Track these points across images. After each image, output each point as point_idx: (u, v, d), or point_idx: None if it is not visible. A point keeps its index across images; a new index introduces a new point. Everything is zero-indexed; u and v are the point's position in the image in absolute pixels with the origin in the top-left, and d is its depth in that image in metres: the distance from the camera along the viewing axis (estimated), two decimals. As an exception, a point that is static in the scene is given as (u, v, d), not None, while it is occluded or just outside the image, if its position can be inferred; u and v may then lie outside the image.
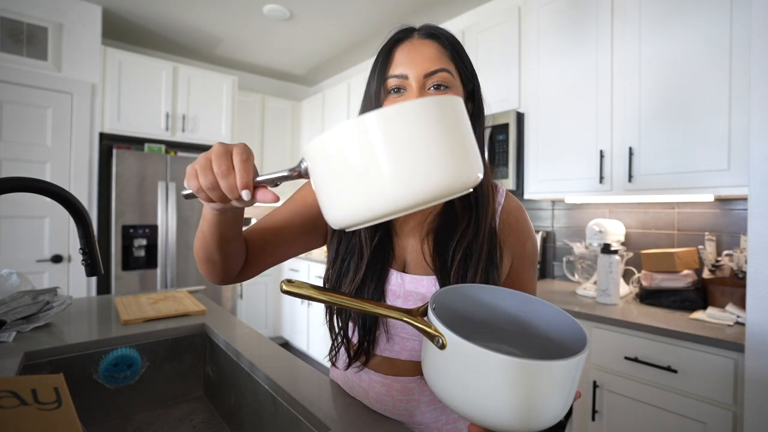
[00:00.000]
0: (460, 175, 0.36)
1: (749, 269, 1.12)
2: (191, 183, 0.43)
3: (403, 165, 0.34)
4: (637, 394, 1.36)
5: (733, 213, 1.61)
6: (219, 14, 2.72)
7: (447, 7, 2.62)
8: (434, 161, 0.35)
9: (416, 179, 0.34)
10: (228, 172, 0.42)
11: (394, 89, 0.61)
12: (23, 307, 1.04)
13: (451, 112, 0.37)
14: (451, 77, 0.61)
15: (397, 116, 0.35)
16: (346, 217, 0.37)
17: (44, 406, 0.45)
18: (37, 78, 2.35)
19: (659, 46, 1.53)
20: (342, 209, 0.37)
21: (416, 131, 0.35)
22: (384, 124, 0.34)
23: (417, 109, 0.35)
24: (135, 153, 2.66)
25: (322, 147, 0.37)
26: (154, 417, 1.00)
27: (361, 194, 0.35)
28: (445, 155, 0.35)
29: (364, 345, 0.66)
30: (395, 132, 0.34)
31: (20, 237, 2.33)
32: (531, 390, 0.39)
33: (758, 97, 1.10)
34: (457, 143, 0.36)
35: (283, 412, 0.74)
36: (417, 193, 0.35)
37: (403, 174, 0.34)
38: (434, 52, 0.61)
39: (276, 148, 3.70)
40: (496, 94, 2.12)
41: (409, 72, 0.60)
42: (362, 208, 0.36)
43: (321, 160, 0.38)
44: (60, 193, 0.64)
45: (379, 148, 0.34)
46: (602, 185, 1.69)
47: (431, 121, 0.35)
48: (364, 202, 0.36)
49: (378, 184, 0.35)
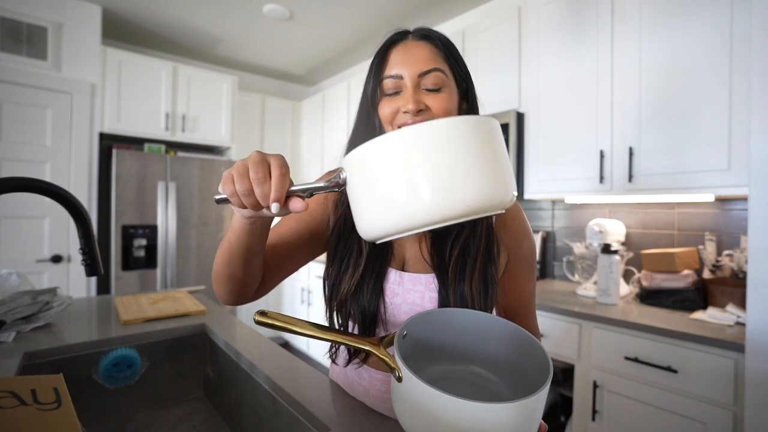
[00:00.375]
0: (496, 195, 0.37)
1: (749, 269, 1.12)
2: (227, 187, 0.44)
3: (441, 180, 0.35)
4: (637, 394, 1.36)
5: (733, 213, 1.61)
6: (219, 14, 2.72)
7: (447, 7, 2.62)
8: (472, 178, 0.35)
9: (453, 195, 0.35)
10: (264, 180, 0.43)
11: (390, 89, 0.63)
12: (23, 307, 1.04)
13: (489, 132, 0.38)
14: (444, 77, 0.62)
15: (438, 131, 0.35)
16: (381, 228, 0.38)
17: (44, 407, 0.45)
18: (37, 78, 2.35)
19: (659, 45, 1.53)
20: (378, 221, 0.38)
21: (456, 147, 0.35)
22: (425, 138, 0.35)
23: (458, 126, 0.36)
24: (135, 153, 2.66)
25: (362, 159, 0.38)
26: (154, 417, 1.00)
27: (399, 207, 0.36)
28: (483, 173, 0.36)
29: None
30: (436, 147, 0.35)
31: (20, 237, 2.33)
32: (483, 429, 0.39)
33: (758, 97, 1.10)
34: (494, 162, 0.37)
35: (283, 412, 0.74)
36: (453, 209, 0.35)
37: (440, 188, 0.35)
38: (428, 52, 0.62)
39: (276, 148, 3.70)
40: (496, 94, 2.12)
41: (404, 72, 0.61)
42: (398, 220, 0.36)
43: (361, 172, 0.38)
44: (60, 193, 0.64)
45: (419, 162, 0.35)
46: (602, 185, 1.69)
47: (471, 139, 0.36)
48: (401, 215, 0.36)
49: (416, 197, 0.35)
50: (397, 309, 0.67)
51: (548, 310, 1.59)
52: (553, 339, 1.59)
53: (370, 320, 0.66)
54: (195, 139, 2.98)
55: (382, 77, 0.64)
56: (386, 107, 0.63)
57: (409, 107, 0.60)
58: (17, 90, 2.30)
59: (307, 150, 3.70)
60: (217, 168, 2.97)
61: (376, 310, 0.66)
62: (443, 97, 0.61)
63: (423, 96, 0.61)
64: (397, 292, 0.67)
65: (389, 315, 0.67)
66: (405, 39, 0.64)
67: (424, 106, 0.61)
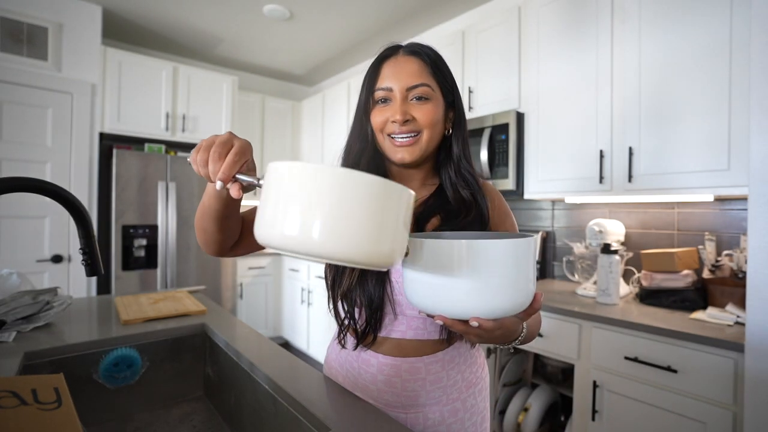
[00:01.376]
0: (377, 253, 0.40)
1: (749, 269, 1.12)
2: (192, 154, 0.51)
3: (332, 220, 0.38)
4: (637, 394, 1.36)
5: (733, 213, 1.61)
6: (219, 14, 2.72)
7: (447, 7, 2.62)
8: (361, 230, 0.38)
9: (340, 238, 0.38)
10: (218, 159, 0.49)
11: (381, 100, 0.70)
12: (23, 307, 1.04)
13: (392, 195, 0.41)
14: (430, 90, 0.69)
15: (348, 182, 0.38)
16: (270, 237, 0.40)
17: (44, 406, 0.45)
18: (37, 78, 2.35)
19: (659, 45, 1.53)
20: (270, 231, 0.40)
21: (356, 198, 0.38)
22: (333, 181, 0.38)
23: (367, 183, 0.39)
24: (135, 153, 2.66)
25: (277, 172, 0.41)
26: (154, 417, 1.00)
27: (292, 227, 0.39)
28: (370, 230, 0.39)
29: (371, 322, 0.70)
30: (339, 192, 0.38)
31: (20, 237, 2.33)
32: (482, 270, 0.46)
33: (758, 97, 1.10)
34: (386, 224, 0.40)
35: (283, 412, 0.74)
36: (336, 250, 0.38)
37: (330, 227, 0.38)
38: (416, 68, 0.69)
39: (276, 148, 3.70)
40: (496, 94, 2.12)
41: (394, 85, 0.69)
42: (287, 239, 0.39)
43: (272, 182, 0.41)
44: (60, 193, 0.64)
45: (321, 198, 0.38)
46: (602, 185, 1.69)
47: (371, 196, 0.39)
48: (291, 236, 0.39)
49: (308, 226, 0.38)
50: (401, 287, 0.69)
51: (548, 309, 1.59)
52: (553, 339, 1.59)
53: (378, 303, 0.69)
54: (195, 139, 2.98)
55: (374, 88, 0.71)
56: (377, 116, 0.71)
57: (397, 117, 0.67)
58: (17, 90, 2.30)
59: (307, 150, 3.70)
60: (217, 168, 2.97)
61: (382, 293, 0.69)
62: (428, 109, 0.69)
63: (410, 107, 0.69)
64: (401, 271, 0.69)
65: (396, 294, 0.70)
66: (396, 54, 0.71)
67: (410, 117, 0.68)
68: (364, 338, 0.72)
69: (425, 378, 0.70)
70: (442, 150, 0.76)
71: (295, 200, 0.39)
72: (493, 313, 0.48)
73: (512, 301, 0.49)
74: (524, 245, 0.48)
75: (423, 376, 0.70)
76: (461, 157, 0.74)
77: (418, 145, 0.70)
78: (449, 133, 0.75)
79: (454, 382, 0.73)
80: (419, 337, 0.71)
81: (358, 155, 0.75)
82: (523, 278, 0.49)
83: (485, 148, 2.04)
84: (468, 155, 0.76)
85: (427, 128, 0.69)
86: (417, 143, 0.69)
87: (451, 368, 0.73)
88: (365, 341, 0.72)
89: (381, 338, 0.72)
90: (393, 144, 0.70)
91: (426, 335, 0.71)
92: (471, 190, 0.73)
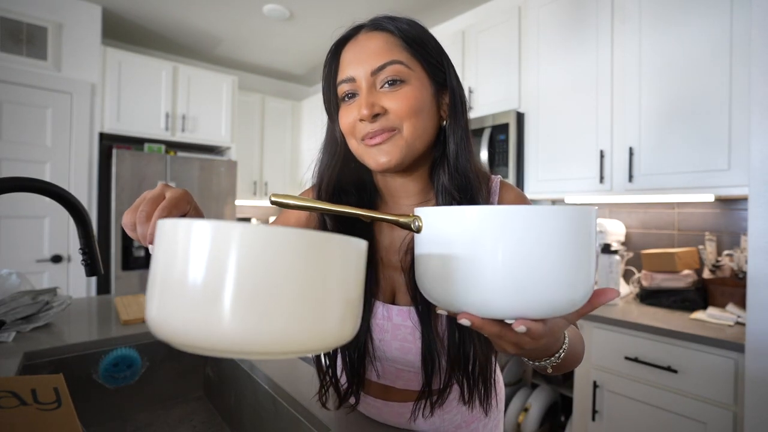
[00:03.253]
0: (322, 337, 0.29)
1: (749, 269, 1.12)
2: (124, 217, 0.45)
3: (252, 301, 0.26)
4: (637, 394, 1.36)
5: (733, 213, 1.61)
6: (219, 14, 2.72)
7: (447, 7, 2.62)
8: (287, 311, 0.27)
9: (267, 325, 0.27)
10: (145, 220, 0.42)
11: (347, 95, 0.55)
12: (23, 307, 1.04)
13: (334, 256, 0.30)
14: (405, 69, 0.52)
15: (267, 242, 0.27)
16: (168, 331, 0.29)
17: (44, 406, 0.45)
18: (37, 78, 2.35)
19: (659, 46, 1.53)
20: (166, 318, 0.28)
21: (279, 267, 0.27)
22: (245, 245, 0.27)
23: (286, 241, 0.27)
24: (135, 153, 2.66)
25: (173, 232, 0.29)
26: (154, 417, 1.00)
27: (195, 313, 0.27)
28: (304, 308, 0.28)
29: (353, 387, 0.60)
30: (256, 260, 0.27)
31: (20, 237, 2.33)
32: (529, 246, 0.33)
33: (758, 97, 1.10)
34: (328, 297, 0.29)
35: (283, 412, 0.74)
36: (256, 340, 0.27)
37: (248, 311, 0.26)
38: (381, 44, 0.53)
39: (276, 148, 3.70)
40: (496, 94, 2.12)
41: (355, 72, 0.53)
42: (189, 331, 0.27)
43: (166, 247, 0.29)
44: (60, 193, 0.64)
45: (231, 270, 0.26)
46: (602, 185, 1.69)
47: (301, 262, 0.28)
48: (197, 325, 0.27)
49: (216, 311, 0.26)
50: (387, 345, 0.58)
51: (548, 310, 1.59)
52: (553, 339, 1.59)
53: (359, 361, 0.59)
54: (195, 139, 2.98)
55: (336, 82, 0.56)
56: (343, 117, 0.55)
57: (363, 113, 0.51)
58: (17, 90, 2.30)
59: (307, 150, 3.70)
60: (217, 168, 2.97)
61: (363, 351, 0.59)
62: (404, 94, 0.52)
63: (379, 97, 0.52)
64: (386, 328, 0.58)
65: (379, 353, 0.59)
66: (356, 34, 0.56)
67: (380, 110, 0.51)
68: (346, 399, 0.61)
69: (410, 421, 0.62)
70: (437, 147, 0.58)
71: (196, 274, 0.27)
72: (540, 309, 0.34)
73: (568, 293, 0.34)
74: (584, 216, 0.34)
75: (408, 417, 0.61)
76: (458, 154, 0.56)
77: (397, 144, 0.52)
78: (446, 123, 0.57)
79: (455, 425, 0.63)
80: (409, 387, 0.61)
81: (324, 170, 0.60)
82: (584, 261, 0.34)
83: (485, 148, 2.04)
84: (469, 151, 0.57)
85: (407, 119, 0.52)
86: (395, 140, 0.52)
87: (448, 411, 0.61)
88: (346, 402, 0.62)
89: (369, 382, 0.63)
90: (367, 145, 0.54)
91: (417, 386, 0.59)
92: (468, 201, 0.55)
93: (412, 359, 0.58)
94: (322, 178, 0.61)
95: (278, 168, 3.72)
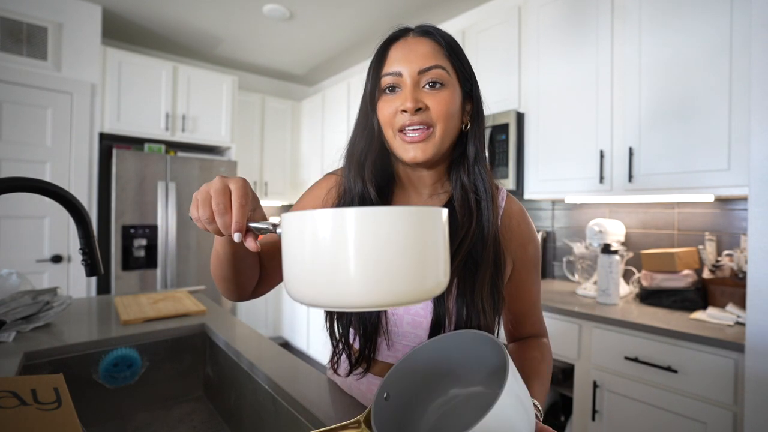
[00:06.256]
0: (423, 288, 0.37)
1: (749, 269, 1.12)
2: (192, 212, 0.47)
3: (370, 267, 0.35)
4: (637, 394, 1.36)
5: (733, 213, 1.61)
6: (219, 14, 2.72)
7: (447, 7, 2.62)
8: (401, 271, 0.35)
9: (380, 284, 0.35)
10: (225, 211, 0.44)
11: (388, 88, 0.61)
12: (23, 307, 1.04)
13: (428, 224, 0.37)
14: (446, 74, 0.60)
15: (374, 219, 0.35)
16: (305, 296, 0.38)
17: (44, 406, 0.45)
18: (37, 78, 2.35)
19: (659, 45, 1.53)
20: (303, 288, 0.37)
21: (390, 238, 0.35)
22: (360, 223, 0.35)
23: (395, 216, 0.35)
24: (135, 153, 2.66)
25: (300, 225, 0.38)
26: (154, 417, 1.00)
27: (325, 282, 0.36)
28: (413, 267, 0.36)
29: (365, 352, 0.65)
30: (369, 233, 0.35)
31: (20, 237, 2.33)
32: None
33: (758, 97, 1.10)
34: (428, 256, 0.37)
35: (283, 412, 0.74)
36: (378, 297, 0.35)
37: (368, 275, 0.35)
38: (429, 49, 0.60)
39: (276, 148, 3.70)
40: (496, 94, 2.12)
41: (403, 69, 0.60)
42: (323, 294, 0.36)
43: (294, 237, 0.38)
44: (60, 193, 0.64)
45: (351, 245, 0.35)
46: (602, 185, 1.69)
47: (407, 231, 0.36)
48: (326, 291, 0.36)
49: (343, 277, 0.35)
50: (399, 320, 0.64)
51: (548, 310, 1.59)
52: (553, 339, 1.59)
53: (371, 330, 0.64)
54: (195, 139, 2.98)
55: (381, 74, 0.62)
56: (385, 107, 0.61)
57: (407, 105, 0.58)
58: (17, 90, 2.30)
59: (307, 150, 3.70)
60: (217, 168, 2.97)
61: (377, 322, 0.64)
62: (443, 97, 0.60)
63: (422, 95, 0.59)
64: (397, 310, 0.64)
65: (391, 325, 0.64)
66: (406, 36, 0.62)
67: (423, 105, 0.59)
68: (357, 365, 0.67)
69: None
70: (457, 148, 0.66)
71: (324, 254, 0.35)
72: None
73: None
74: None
75: None
76: (477, 158, 0.65)
77: (431, 141, 0.60)
78: (467, 127, 0.65)
79: None
80: None
81: (362, 154, 0.66)
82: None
83: (485, 147, 2.04)
84: (484, 154, 0.66)
85: (441, 120, 0.59)
86: (430, 139, 0.60)
87: None
88: (358, 368, 0.67)
89: (375, 361, 0.67)
90: (403, 140, 0.61)
91: None
92: (478, 195, 0.64)
93: (422, 334, 0.63)
94: (361, 160, 0.65)
95: (278, 168, 3.72)
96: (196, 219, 0.46)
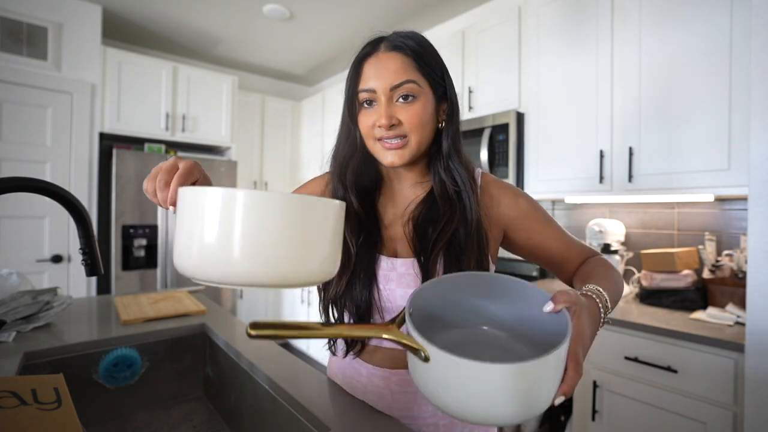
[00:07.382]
0: (305, 272, 0.39)
1: (749, 269, 1.12)
2: (144, 184, 0.54)
3: (255, 245, 0.37)
4: (637, 394, 1.36)
5: (733, 213, 1.61)
6: (219, 14, 2.72)
7: (447, 7, 2.62)
8: (284, 253, 0.38)
9: (265, 264, 0.37)
10: (164, 187, 0.51)
11: (366, 102, 0.67)
12: (23, 307, 1.04)
13: (315, 212, 0.40)
14: (417, 87, 0.65)
15: (261, 200, 0.37)
16: (193, 270, 0.39)
17: (44, 406, 0.45)
18: (37, 78, 2.35)
19: (659, 45, 1.53)
20: (191, 262, 0.39)
21: (275, 219, 0.37)
22: (249, 203, 0.37)
23: (281, 201, 0.38)
24: (135, 153, 2.66)
25: (193, 198, 0.40)
26: (154, 417, 1.00)
27: (212, 257, 0.37)
28: (295, 251, 0.38)
29: None
30: (255, 214, 0.37)
31: (20, 237, 2.33)
32: (522, 389, 0.39)
33: (758, 97, 1.10)
34: (312, 242, 0.39)
35: (283, 412, 0.74)
36: (261, 276, 0.37)
37: (252, 253, 0.37)
38: (399, 65, 0.65)
39: (276, 148, 3.70)
40: (496, 94, 2.12)
41: (377, 85, 0.65)
42: (209, 269, 0.38)
43: (188, 210, 0.40)
44: (60, 193, 0.64)
45: (239, 223, 0.37)
46: (602, 185, 1.69)
47: (292, 216, 0.38)
48: (213, 265, 0.37)
49: (229, 254, 0.37)
50: (392, 294, 0.68)
51: (548, 310, 1.59)
52: (553, 339, 1.59)
53: (365, 310, 0.68)
54: (195, 139, 2.98)
55: (357, 90, 0.67)
56: (364, 120, 0.67)
57: (382, 122, 0.64)
58: (17, 90, 2.30)
59: (307, 150, 3.70)
60: (217, 168, 2.97)
61: (369, 300, 0.68)
62: (416, 110, 0.65)
63: (396, 109, 0.65)
64: (390, 277, 0.68)
65: (384, 301, 0.68)
66: (377, 51, 0.67)
67: (396, 121, 0.64)
68: (353, 346, 0.70)
69: (417, 391, 0.68)
70: (434, 145, 0.71)
71: (213, 229, 0.37)
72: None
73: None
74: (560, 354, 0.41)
75: (414, 388, 0.68)
76: (451, 151, 0.70)
77: (407, 148, 0.66)
78: (442, 126, 0.71)
79: None
80: None
81: (344, 161, 0.72)
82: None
83: (485, 148, 2.04)
84: (459, 148, 0.71)
85: (415, 131, 0.65)
86: (407, 146, 0.66)
87: None
88: (354, 349, 0.71)
89: (372, 347, 0.71)
90: (383, 146, 0.67)
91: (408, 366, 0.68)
92: (457, 187, 0.69)
93: None
94: (342, 168, 0.73)
95: (278, 168, 3.72)
96: (145, 190, 0.54)
